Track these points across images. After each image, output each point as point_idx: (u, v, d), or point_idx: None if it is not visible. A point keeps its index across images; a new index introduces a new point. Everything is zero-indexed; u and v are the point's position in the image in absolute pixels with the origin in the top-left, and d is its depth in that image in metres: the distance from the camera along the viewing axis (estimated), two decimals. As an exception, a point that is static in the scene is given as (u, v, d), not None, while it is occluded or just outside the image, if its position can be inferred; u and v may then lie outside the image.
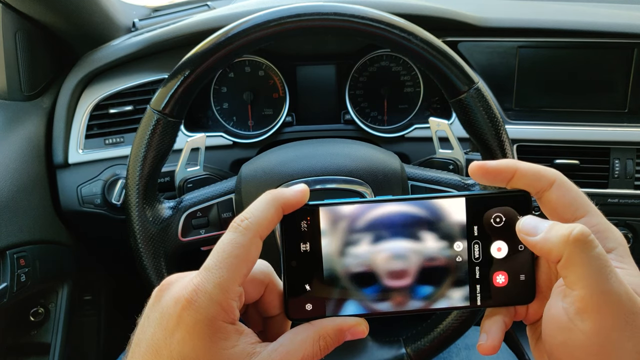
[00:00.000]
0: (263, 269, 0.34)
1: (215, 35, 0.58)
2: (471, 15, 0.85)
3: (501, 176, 0.32)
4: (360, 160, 0.63)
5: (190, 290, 0.29)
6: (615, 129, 0.84)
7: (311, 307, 0.33)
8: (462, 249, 0.34)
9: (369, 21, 0.58)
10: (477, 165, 0.33)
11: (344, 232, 0.33)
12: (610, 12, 0.92)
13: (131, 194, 0.60)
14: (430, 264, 0.33)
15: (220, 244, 0.31)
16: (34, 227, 0.77)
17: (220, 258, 0.30)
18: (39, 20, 0.82)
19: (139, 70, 0.85)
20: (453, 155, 0.73)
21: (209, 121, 0.92)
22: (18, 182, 0.75)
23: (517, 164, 0.32)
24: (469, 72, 0.60)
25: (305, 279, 0.33)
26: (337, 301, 0.33)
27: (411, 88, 0.91)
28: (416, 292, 0.34)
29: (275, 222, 0.32)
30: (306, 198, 0.33)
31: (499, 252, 0.33)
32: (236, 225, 0.31)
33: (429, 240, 0.34)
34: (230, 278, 0.30)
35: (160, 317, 0.30)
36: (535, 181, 0.32)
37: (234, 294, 0.30)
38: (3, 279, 0.70)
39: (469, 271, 0.34)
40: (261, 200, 0.32)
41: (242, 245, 0.30)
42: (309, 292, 0.33)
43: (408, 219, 0.34)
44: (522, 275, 0.33)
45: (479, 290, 0.34)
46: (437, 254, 0.34)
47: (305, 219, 0.33)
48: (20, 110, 0.81)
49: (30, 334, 0.85)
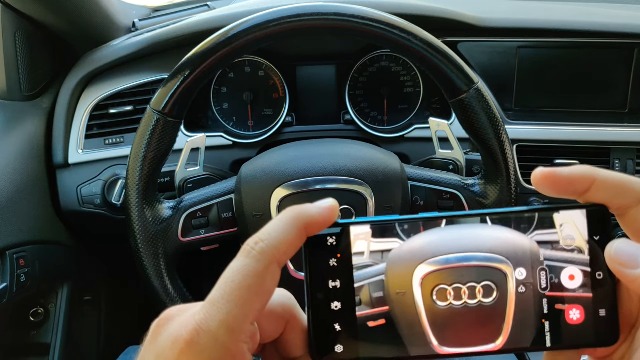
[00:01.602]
0: (284, 302, 0.28)
1: (216, 36, 0.58)
2: (471, 16, 0.85)
3: (575, 187, 0.26)
4: (360, 160, 0.63)
5: (191, 330, 0.24)
6: (615, 129, 0.84)
7: (342, 349, 0.28)
8: (524, 277, 0.28)
9: (368, 21, 0.58)
10: (544, 173, 0.26)
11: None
12: (610, 12, 0.92)
13: (131, 194, 0.60)
14: (486, 297, 0.28)
15: (229, 272, 0.25)
16: (34, 227, 0.77)
17: (229, 290, 0.25)
18: (39, 20, 0.82)
19: (139, 70, 0.85)
20: (453, 155, 0.73)
21: (209, 121, 0.92)
22: (18, 183, 0.75)
23: (595, 172, 0.26)
24: (469, 73, 0.60)
25: (334, 315, 0.28)
26: (372, 341, 0.28)
27: (411, 88, 0.91)
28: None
29: (296, 246, 0.26)
30: (335, 216, 0.27)
31: (572, 281, 0.27)
32: (249, 249, 0.25)
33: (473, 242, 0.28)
34: (241, 315, 0.24)
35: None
36: (618, 195, 0.26)
37: (245, 334, 0.25)
38: (3, 279, 0.70)
39: (535, 305, 0.27)
40: (280, 219, 0.26)
41: (256, 274, 0.25)
42: (339, 332, 0.28)
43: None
44: (602, 310, 0.27)
45: (549, 328, 0.27)
46: (494, 280, 0.28)
47: (333, 242, 0.28)
48: (20, 111, 0.81)
49: (30, 334, 0.85)
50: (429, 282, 0.27)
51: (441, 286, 0.27)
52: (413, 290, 0.27)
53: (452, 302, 0.27)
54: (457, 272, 0.27)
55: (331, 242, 0.28)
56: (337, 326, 0.28)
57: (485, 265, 0.27)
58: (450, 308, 0.27)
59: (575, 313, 0.27)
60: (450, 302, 0.27)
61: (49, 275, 0.82)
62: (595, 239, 0.27)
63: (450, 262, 0.27)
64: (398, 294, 0.27)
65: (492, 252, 0.27)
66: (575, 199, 0.27)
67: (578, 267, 0.27)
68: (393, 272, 0.27)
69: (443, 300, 0.27)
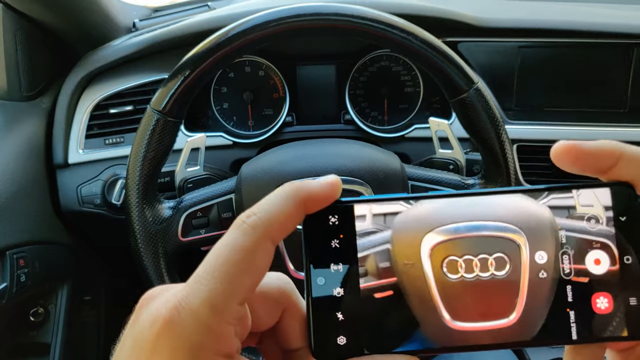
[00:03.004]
0: (280, 285, 0.26)
1: (216, 36, 0.58)
2: (471, 16, 0.85)
3: (600, 163, 0.24)
4: (360, 160, 0.63)
5: (171, 308, 0.22)
6: (615, 129, 0.84)
7: (345, 341, 0.25)
8: (545, 260, 0.25)
9: (368, 21, 0.58)
10: (566, 145, 0.24)
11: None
12: (610, 12, 0.92)
13: (131, 194, 0.60)
14: (498, 270, 0.25)
15: (217, 247, 0.23)
16: (34, 227, 0.77)
17: (214, 265, 0.22)
18: (39, 20, 0.82)
19: (139, 70, 0.85)
20: (453, 155, 0.73)
21: (209, 121, 0.92)
22: (18, 183, 0.75)
23: (622, 147, 0.24)
24: (469, 72, 0.60)
25: (336, 303, 0.25)
26: (377, 327, 0.26)
27: (411, 88, 0.92)
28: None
29: (293, 222, 0.24)
30: (338, 193, 0.25)
31: (598, 266, 0.25)
32: (240, 222, 0.23)
33: (484, 209, 0.26)
34: (226, 292, 0.22)
35: (133, 344, 0.22)
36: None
37: (231, 314, 0.22)
38: (3, 280, 0.70)
39: (558, 292, 0.25)
40: (277, 193, 0.24)
41: (246, 248, 0.23)
42: (341, 322, 0.25)
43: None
44: (632, 299, 0.24)
45: (574, 318, 0.25)
46: (506, 252, 0.25)
47: (336, 221, 0.25)
48: (20, 111, 0.81)
49: (30, 335, 0.85)
50: (439, 253, 0.25)
51: (451, 257, 0.25)
52: (422, 261, 0.25)
53: (463, 274, 0.25)
54: (468, 243, 0.25)
55: (333, 221, 0.25)
56: (340, 315, 0.25)
57: (497, 236, 0.25)
58: (461, 280, 0.25)
59: (603, 301, 0.25)
60: (462, 275, 0.25)
61: (49, 275, 0.82)
62: (622, 220, 0.25)
63: (460, 231, 0.25)
64: (406, 265, 0.25)
65: (504, 221, 0.25)
66: (599, 176, 0.25)
67: (604, 250, 0.25)
68: (399, 241, 0.25)
69: (454, 273, 0.25)
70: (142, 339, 0.22)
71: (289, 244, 0.61)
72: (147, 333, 0.22)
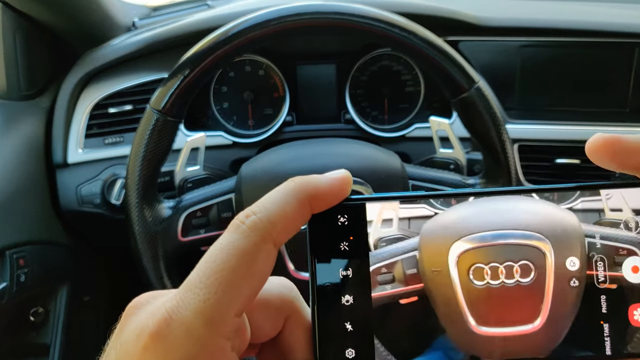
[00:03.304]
0: (283, 292, 0.23)
1: (215, 35, 0.58)
2: (472, 15, 0.85)
3: (638, 160, 0.22)
4: (360, 159, 0.63)
5: (159, 320, 0.19)
6: (616, 129, 0.83)
7: (354, 354, 0.23)
8: (577, 267, 0.24)
9: (369, 20, 0.58)
10: (605, 139, 0.22)
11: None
12: (612, 11, 0.92)
13: (131, 193, 0.60)
14: (523, 277, 0.25)
15: (211, 250, 0.21)
16: (34, 227, 0.77)
17: (209, 271, 0.20)
18: (38, 19, 0.82)
19: (138, 69, 0.85)
20: (454, 154, 0.72)
21: (209, 121, 0.92)
22: (17, 182, 0.75)
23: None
24: (470, 72, 0.60)
25: (345, 311, 0.23)
26: (393, 338, 0.24)
27: (412, 87, 0.91)
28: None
29: (298, 222, 0.22)
30: (348, 190, 0.23)
31: (636, 274, 0.23)
32: (238, 222, 0.21)
33: (510, 217, 0.25)
34: (221, 302, 0.19)
35: (117, 359, 0.20)
36: None
37: (227, 327, 0.20)
38: (2, 280, 0.69)
39: (589, 301, 0.24)
40: (280, 189, 0.22)
41: (244, 252, 0.20)
42: (350, 333, 0.23)
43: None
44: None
45: (608, 331, 0.23)
46: (531, 259, 0.25)
47: (345, 222, 0.23)
48: (19, 110, 0.81)
49: (30, 335, 0.85)
50: (465, 261, 0.25)
51: (478, 265, 0.25)
52: (449, 268, 0.25)
53: (489, 281, 0.25)
54: (494, 251, 0.25)
55: (342, 221, 0.23)
56: (349, 325, 0.23)
57: (523, 243, 0.25)
58: (487, 287, 0.25)
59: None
60: (487, 282, 0.25)
61: (49, 275, 0.82)
62: None
63: (486, 239, 0.25)
64: (434, 272, 0.25)
65: (530, 230, 0.25)
66: (637, 174, 0.23)
67: (636, 247, 0.24)
68: (427, 249, 0.25)
69: (480, 280, 0.25)
70: (127, 353, 0.20)
71: (290, 242, 0.60)
72: (132, 347, 0.20)
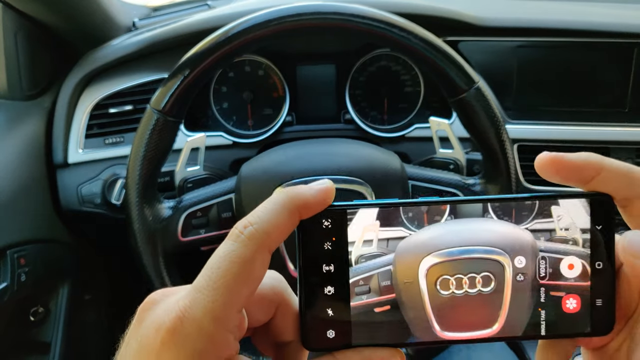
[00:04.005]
0: (274, 285, 0.28)
1: (215, 35, 0.58)
2: (471, 15, 0.85)
3: (581, 174, 0.26)
4: (360, 160, 0.63)
5: (174, 317, 0.23)
6: (615, 129, 0.84)
7: (334, 334, 0.27)
8: (524, 265, 0.28)
9: (369, 20, 0.58)
10: (550, 157, 0.26)
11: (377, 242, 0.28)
12: (610, 11, 0.92)
13: (131, 193, 0.60)
14: (485, 286, 0.28)
15: (215, 258, 0.24)
16: (34, 226, 0.77)
17: (214, 276, 0.24)
18: (39, 19, 0.82)
19: (138, 69, 0.85)
20: (453, 155, 0.73)
21: (209, 121, 0.92)
22: (18, 182, 0.75)
23: (603, 161, 0.25)
24: (470, 72, 0.60)
25: (327, 300, 0.27)
26: (366, 327, 0.28)
27: (411, 88, 0.91)
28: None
29: (288, 230, 0.25)
30: (331, 199, 0.27)
31: (571, 271, 0.28)
32: (237, 232, 0.24)
33: (474, 236, 0.29)
34: (226, 303, 0.23)
35: (139, 349, 0.24)
36: (625, 186, 0.25)
37: (231, 322, 0.24)
38: (3, 279, 0.70)
39: (532, 293, 0.28)
40: (272, 201, 0.25)
41: (244, 260, 0.24)
42: (331, 318, 0.27)
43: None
44: (598, 300, 0.27)
45: (544, 317, 0.28)
46: (492, 271, 0.28)
47: (329, 225, 0.27)
48: (20, 110, 0.81)
49: (30, 333, 0.85)
50: (434, 273, 0.28)
51: (444, 276, 0.28)
52: (419, 280, 0.28)
53: (453, 290, 0.28)
54: (459, 264, 0.28)
55: (326, 224, 0.27)
56: (330, 311, 0.27)
57: (485, 257, 0.28)
58: (452, 296, 0.28)
59: (572, 302, 0.28)
60: (452, 291, 0.28)
61: (50, 274, 0.82)
62: (597, 229, 0.27)
63: (454, 254, 0.28)
64: (405, 283, 0.28)
65: (492, 246, 0.28)
66: (580, 187, 0.26)
67: (577, 256, 0.28)
68: (401, 263, 0.28)
69: (445, 289, 0.28)
70: (147, 345, 0.23)
71: (289, 245, 0.61)
72: (152, 340, 0.23)
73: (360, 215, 0.28)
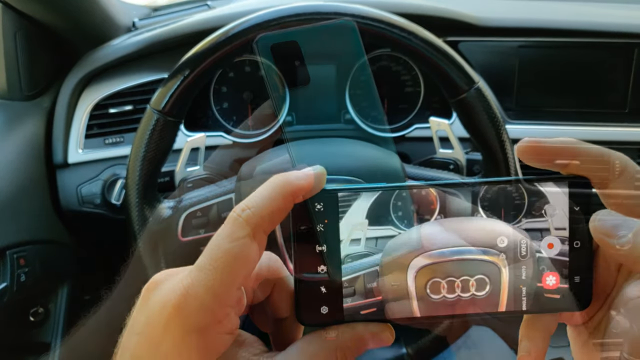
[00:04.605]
0: (270, 264, 0.29)
1: (215, 35, 0.58)
2: (472, 15, 0.85)
3: (558, 158, 0.27)
4: (360, 159, 0.63)
5: (179, 295, 0.25)
6: (615, 129, 0.84)
7: (327, 310, 0.28)
8: (505, 244, 0.28)
9: (369, 20, 0.58)
10: (529, 142, 0.27)
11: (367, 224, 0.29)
12: (611, 11, 0.92)
13: (131, 193, 0.60)
14: (479, 290, 0.28)
15: (216, 239, 0.26)
16: (34, 227, 0.77)
17: (215, 256, 0.25)
18: (39, 20, 0.82)
19: (138, 70, 0.85)
20: (453, 155, 0.73)
21: (209, 121, 0.92)
22: (18, 182, 0.75)
23: (578, 145, 0.27)
24: (470, 72, 0.60)
25: (320, 278, 0.28)
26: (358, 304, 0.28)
27: (411, 88, 0.91)
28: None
29: (284, 213, 0.27)
30: (323, 183, 0.28)
31: (551, 250, 0.28)
32: (235, 216, 0.26)
33: (467, 235, 0.29)
34: (226, 281, 0.25)
35: (146, 325, 0.26)
36: (600, 169, 0.27)
37: (231, 299, 0.26)
38: (3, 279, 0.70)
39: (514, 271, 0.29)
40: (267, 186, 0.27)
41: (242, 241, 0.25)
42: (324, 294, 0.28)
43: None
44: (577, 277, 0.28)
45: (525, 293, 0.28)
46: (476, 251, 0.28)
47: (321, 208, 0.28)
48: (20, 110, 0.81)
49: (30, 334, 0.85)
50: (423, 275, 0.28)
51: (435, 279, 0.28)
52: (407, 282, 0.28)
53: (445, 295, 0.27)
54: (451, 266, 0.27)
55: (319, 207, 0.28)
56: (323, 288, 0.28)
57: (479, 259, 0.28)
58: (443, 300, 0.27)
59: (552, 279, 0.28)
60: (444, 295, 0.27)
61: (49, 274, 0.82)
62: (575, 210, 0.28)
63: (445, 255, 0.28)
64: (392, 286, 0.28)
65: (487, 246, 0.28)
66: (559, 170, 0.28)
67: (557, 236, 0.28)
68: (388, 264, 0.28)
69: (436, 293, 0.27)
70: (153, 322, 0.25)
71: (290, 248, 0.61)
72: (158, 317, 0.25)
73: (349, 214, 0.28)
